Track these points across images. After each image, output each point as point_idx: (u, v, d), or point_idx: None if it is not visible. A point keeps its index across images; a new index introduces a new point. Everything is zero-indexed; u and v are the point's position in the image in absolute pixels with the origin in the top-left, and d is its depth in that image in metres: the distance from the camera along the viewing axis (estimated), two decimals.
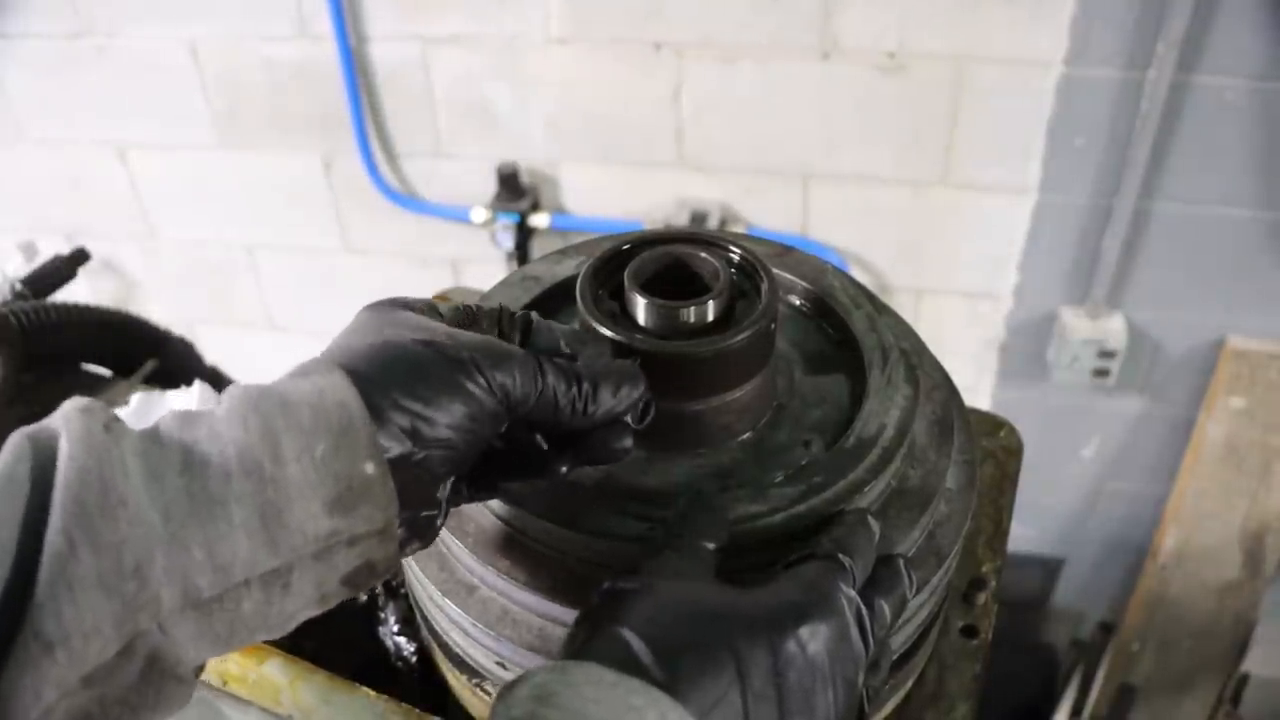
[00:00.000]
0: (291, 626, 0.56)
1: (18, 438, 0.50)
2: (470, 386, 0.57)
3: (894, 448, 0.72)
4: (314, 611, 0.56)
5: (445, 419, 0.56)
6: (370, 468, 0.53)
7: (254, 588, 0.52)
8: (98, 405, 0.52)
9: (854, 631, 0.59)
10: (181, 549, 0.49)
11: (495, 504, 0.71)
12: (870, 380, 0.77)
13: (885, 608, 0.62)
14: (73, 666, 0.46)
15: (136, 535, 0.48)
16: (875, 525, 0.66)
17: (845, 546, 0.62)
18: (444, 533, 0.72)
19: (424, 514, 0.59)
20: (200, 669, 0.55)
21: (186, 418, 0.53)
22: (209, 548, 0.50)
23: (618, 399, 0.63)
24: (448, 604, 0.72)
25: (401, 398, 0.55)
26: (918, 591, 0.71)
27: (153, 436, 0.52)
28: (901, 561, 0.65)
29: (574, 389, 0.61)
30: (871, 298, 0.86)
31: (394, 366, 0.56)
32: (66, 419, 0.50)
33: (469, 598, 0.72)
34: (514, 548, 0.70)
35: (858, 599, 0.60)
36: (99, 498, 0.47)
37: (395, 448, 0.55)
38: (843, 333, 0.83)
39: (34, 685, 0.45)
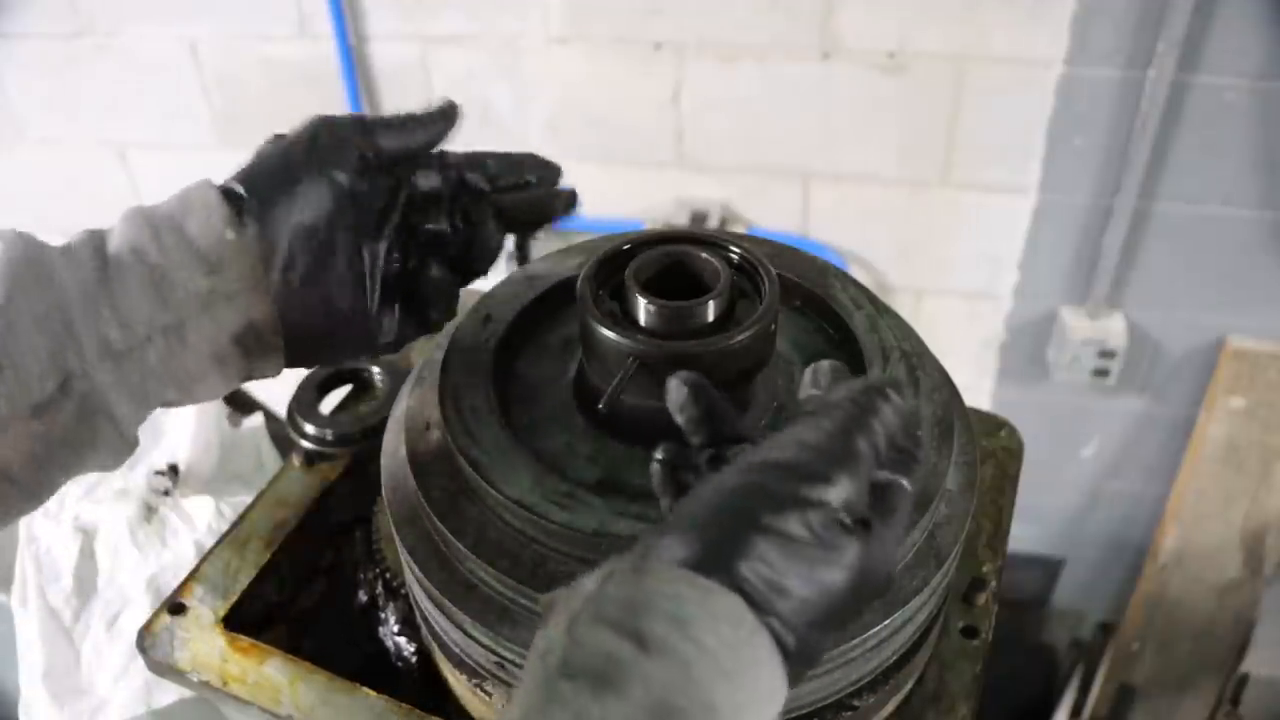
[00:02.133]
0: (198, 392, 0.70)
1: None
2: (336, 174, 0.70)
3: None
4: (216, 376, 0.70)
5: (303, 204, 0.69)
6: (230, 234, 0.68)
7: (156, 340, 0.66)
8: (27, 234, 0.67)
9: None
10: (94, 307, 0.64)
11: (494, 505, 0.71)
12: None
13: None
14: (20, 388, 0.61)
15: (59, 297, 0.63)
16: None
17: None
18: (444, 533, 0.72)
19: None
20: (136, 432, 0.68)
21: (90, 232, 0.68)
22: (114, 305, 0.65)
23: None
24: (447, 604, 0.72)
25: (264, 190, 0.70)
26: (918, 593, 0.71)
27: (68, 244, 0.67)
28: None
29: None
30: (872, 298, 0.85)
31: (264, 164, 0.72)
32: (3, 235, 0.65)
33: (469, 597, 0.72)
34: (514, 547, 0.70)
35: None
36: (33, 269, 0.63)
37: (252, 223, 0.69)
38: (843, 333, 0.83)
39: None
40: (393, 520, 0.77)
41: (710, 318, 0.73)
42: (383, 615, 0.97)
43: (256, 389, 1.72)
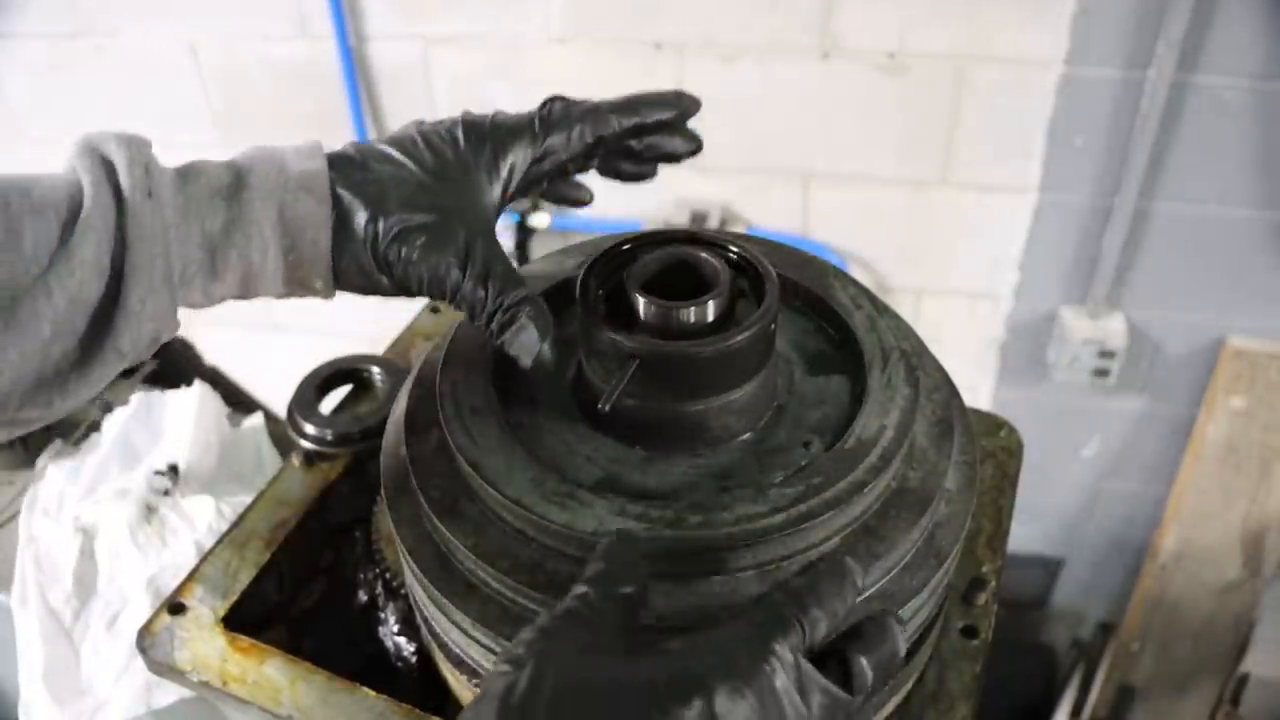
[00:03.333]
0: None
1: (95, 191, 0.65)
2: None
3: (894, 449, 0.72)
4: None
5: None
6: (319, 284, 0.73)
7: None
8: (139, 154, 0.67)
9: (788, 698, 0.52)
10: (187, 296, 0.70)
11: (494, 505, 0.71)
12: (870, 381, 0.77)
13: (865, 664, 0.55)
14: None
15: (169, 283, 0.67)
16: (855, 573, 0.59)
17: (798, 598, 0.56)
18: (444, 533, 0.72)
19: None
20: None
21: (222, 206, 0.69)
22: (206, 293, 0.71)
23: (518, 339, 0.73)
24: (448, 604, 0.72)
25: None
26: (917, 593, 0.71)
27: (186, 212, 0.68)
28: (891, 618, 0.58)
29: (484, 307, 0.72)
30: (872, 298, 0.85)
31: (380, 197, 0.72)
32: (130, 195, 0.66)
33: (469, 597, 0.72)
34: (514, 547, 0.70)
35: (795, 658, 0.53)
36: (159, 263, 0.66)
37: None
38: (843, 333, 0.83)
39: (104, 380, 0.66)
40: (392, 520, 0.77)
41: (710, 318, 0.73)
42: (383, 615, 0.97)
43: (256, 389, 1.72)
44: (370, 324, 2.57)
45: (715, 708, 0.50)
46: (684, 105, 0.84)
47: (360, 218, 0.71)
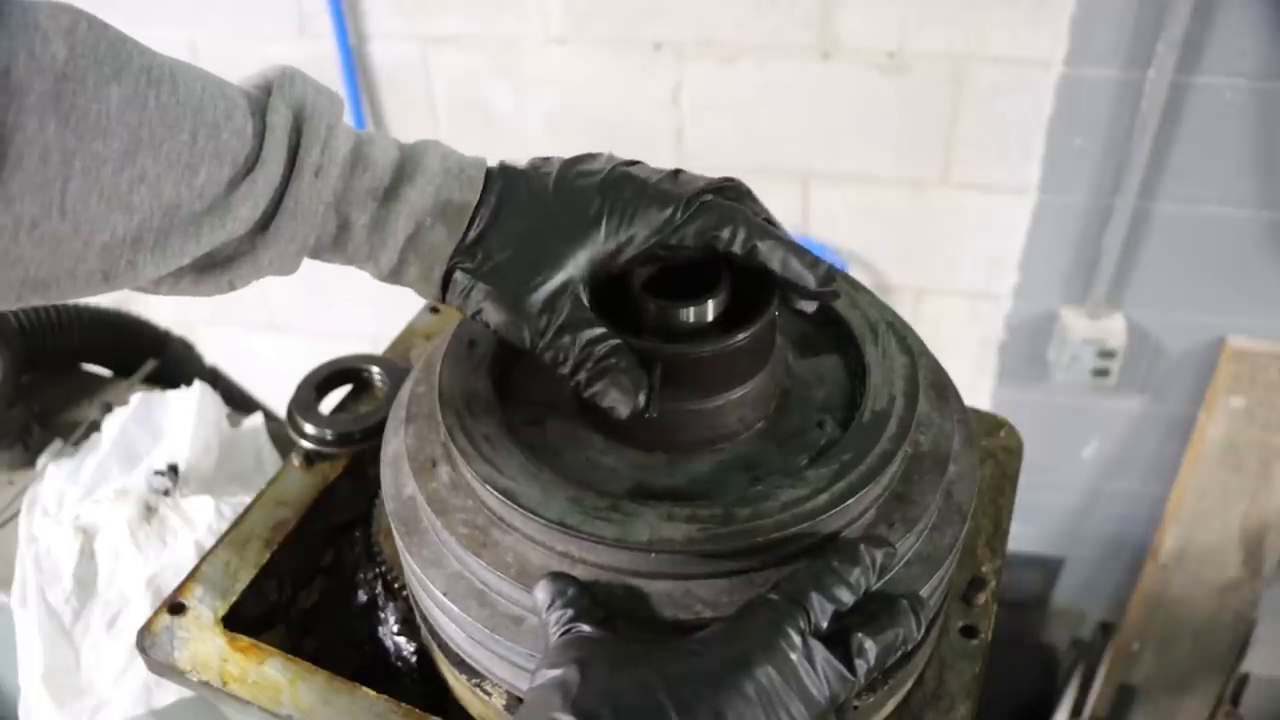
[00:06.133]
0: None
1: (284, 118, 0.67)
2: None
3: (908, 416, 0.73)
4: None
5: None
6: (417, 288, 0.74)
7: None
8: (329, 117, 0.71)
9: (805, 673, 0.58)
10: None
11: (533, 531, 0.70)
12: (867, 355, 0.79)
13: (868, 645, 0.61)
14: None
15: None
16: (864, 555, 0.64)
17: (801, 586, 0.61)
18: (481, 567, 0.70)
19: None
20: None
21: (372, 206, 0.70)
22: (320, 257, 0.73)
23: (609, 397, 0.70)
24: (497, 639, 0.70)
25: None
26: (951, 550, 0.73)
27: (341, 200, 0.70)
28: (903, 601, 0.64)
29: (568, 367, 0.70)
30: (846, 277, 0.86)
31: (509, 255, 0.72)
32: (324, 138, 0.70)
33: (518, 630, 0.69)
34: (560, 572, 0.68)
35: (803, 639, 0.59)
36: (299, 236, 0.68)
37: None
38: (825, 313, 0.83)
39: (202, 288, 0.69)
40: (415, 564, 0.74)
41: (710, 317, 0.73)
42: (382, 615, 0.97)
43: (256, 388, 1.72)
44: (370, 324, 2.57)
45: (761, 684, 0.56)
46: (822, 298, 0.74)
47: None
